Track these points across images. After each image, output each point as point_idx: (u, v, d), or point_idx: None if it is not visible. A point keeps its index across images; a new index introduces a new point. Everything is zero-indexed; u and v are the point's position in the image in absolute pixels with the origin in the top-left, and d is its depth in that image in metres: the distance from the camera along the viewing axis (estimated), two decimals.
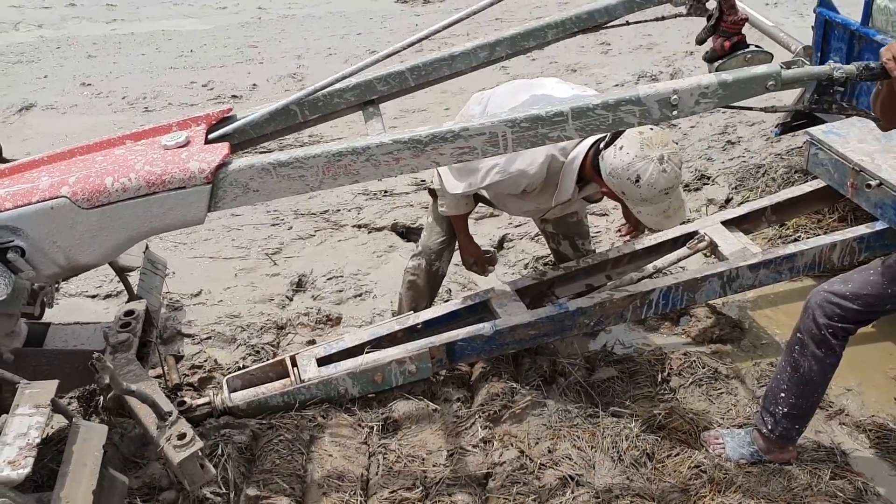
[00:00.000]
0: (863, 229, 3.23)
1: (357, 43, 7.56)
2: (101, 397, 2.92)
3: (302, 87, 6.45)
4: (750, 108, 2.31)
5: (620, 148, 2.52)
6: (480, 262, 3.29)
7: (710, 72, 2.35)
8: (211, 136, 2.50)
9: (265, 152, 2.91)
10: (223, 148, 2.30)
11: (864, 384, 3.03)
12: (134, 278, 3.05)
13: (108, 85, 6.70)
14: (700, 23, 2.51)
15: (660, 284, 3.03)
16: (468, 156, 2.22)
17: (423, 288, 3.29)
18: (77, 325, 2.88)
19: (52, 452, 2.68)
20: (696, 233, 3.30)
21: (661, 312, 3.14)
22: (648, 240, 3.39)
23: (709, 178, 4.65)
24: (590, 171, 2.70)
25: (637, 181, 2.49)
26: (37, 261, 2.30)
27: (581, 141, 2.69)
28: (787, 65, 2.18)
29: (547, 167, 2.76)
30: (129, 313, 2.78)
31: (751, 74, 2.15)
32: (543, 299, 3.24)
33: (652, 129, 2.53)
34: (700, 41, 2.45)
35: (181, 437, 2.21)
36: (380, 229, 4.33)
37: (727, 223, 3.36)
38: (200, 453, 2.23)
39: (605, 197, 2.84)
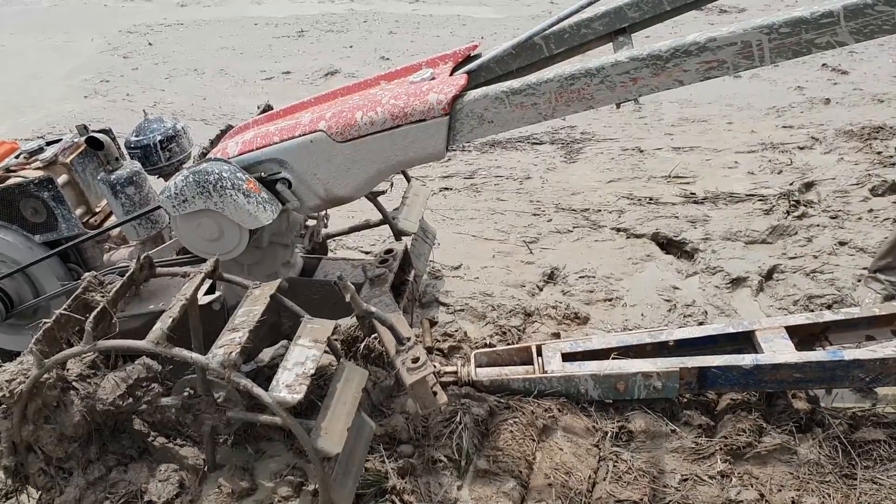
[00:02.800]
0: None
1: None
2: (360, 345, 3.17)
3: None
4: None
5: None
6: None
7: None
8: (456, 73, 2.54)
9: None
10: (460, 79, 2.35)
11: None
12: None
13: (404, 61, 7.17)
14: None
15: None
16: (717, 71, 2.02)
17: None
18: (344, 260, 3.14)
19: (312, 386, 2.96)
20: None
21: None
22: None
23: None
24: None
25: None
26: (301, 192, 2.53)
27: None
28: None
29: None
30: (388, 251, 2.98)
31: None
32: (814, 343, 2.99)
33: None
34: None
35: (415, 360, 2.34)
36: (639, 236, 4.24)
37: None
38: (434, 377, 2.33)
39: None
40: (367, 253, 4.04)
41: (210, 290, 2.99)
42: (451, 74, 2.53)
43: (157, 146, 3.15)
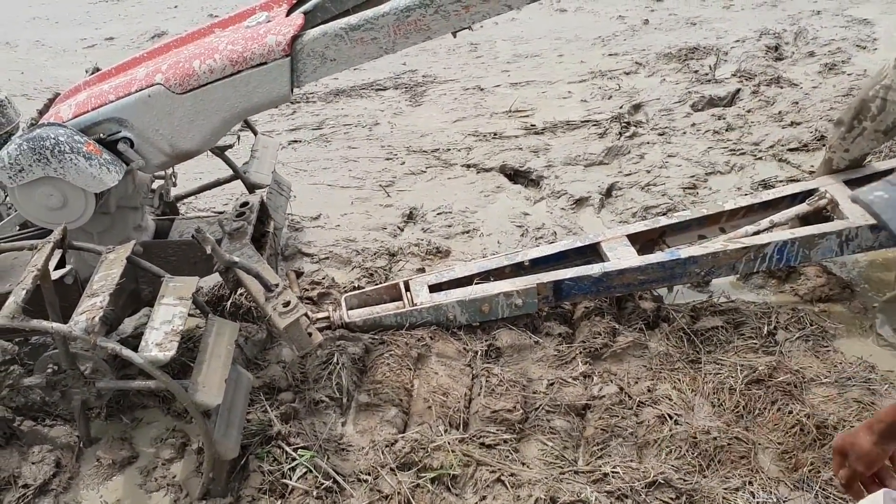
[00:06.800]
0: None
1: None
2: (227, 303, 3.15)
3: None
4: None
5: None
6: None
7: None
8: (292, 14, 2.56)
9: None
10: (297, 19, 2.38)
11: None
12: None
13: None
14: None
15: (776, 239, 3.00)
16: None
17: None
18: (198, 218, 3.09)
19: (182, 349, 2.92)
20: (816, 190, 3.23)
21: (776, 268, 3.10)
22: (766, 194, 3.35)
23: None
24: None
25: None
26: (145, 150, 2.48)
27: None
28: None
29: None
30: (244, 204, 2.96)
31: None
32: (654, 247, 3.26)
33: None
34: None
35: (286, 304, 2.37)
36: (488, 170, 4.40)
37: (850, 182, 3.27)
38: (307, 318, 2.37)
39: None
40: (221, 212, 3.96)
41: (60, 266, 2.87)
42: (287, 16, 2.52)
43: None
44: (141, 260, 2.42)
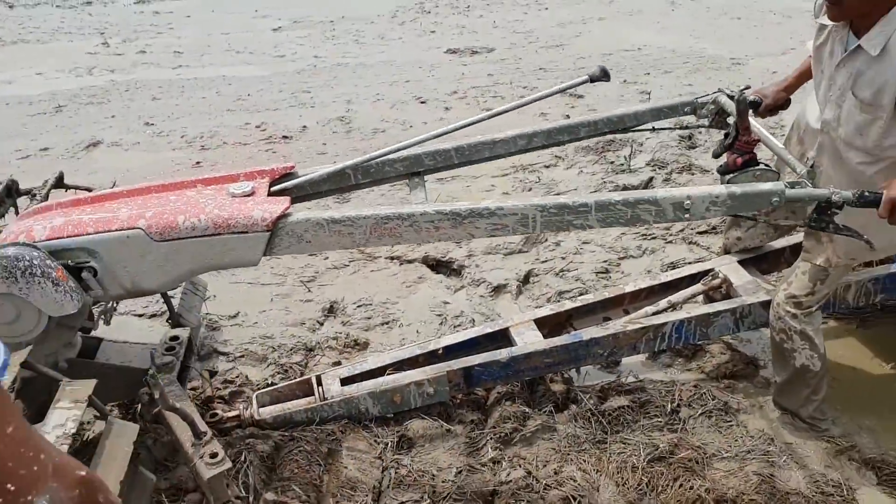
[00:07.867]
0: (879, 271, 3.27)
1: (405, 90, 7.85)
2: (139, 406, 3.13)
3: (349, 129, 6.75)
4: (754, 220, 2.52)
5: None
6: None
7: (721, 184, 2.57)
8: (273, 188, 2.78)
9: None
10: (285, 201, 2.56)
11: (879, 423, 3.04)
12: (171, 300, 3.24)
13: (170, 125, 7.10)
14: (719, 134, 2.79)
15: (672, 318, 3.11)
16: (500, 231, 2.46)
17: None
18: (126, 343, 3.11)
19: (91, 453, 2.88)
20: (711, 270, 3.38)
21: (675, 346, 3.21)
22: (666, 276, 3.48)
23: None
24: None
25: None
26: (106, 282, 2.55)
27: None
28: (792, 185, 2.35)
29: None
30: (174, 338, 3.00)
31: (758, 189, 2.35)
32: (562, 330, 3.35)
33: None
34: (716, 155, 2.67)
35: (213, 455, 2.39)
36: (411, 261, 4.49)
37: (745, 262, 3.43)
38: (228, 473, 2.40)
39: None
40: (139, 315, 3.96)
41: None
42: (269, 189, 2.72)
43: None
44: (36, 364, 2.42)
